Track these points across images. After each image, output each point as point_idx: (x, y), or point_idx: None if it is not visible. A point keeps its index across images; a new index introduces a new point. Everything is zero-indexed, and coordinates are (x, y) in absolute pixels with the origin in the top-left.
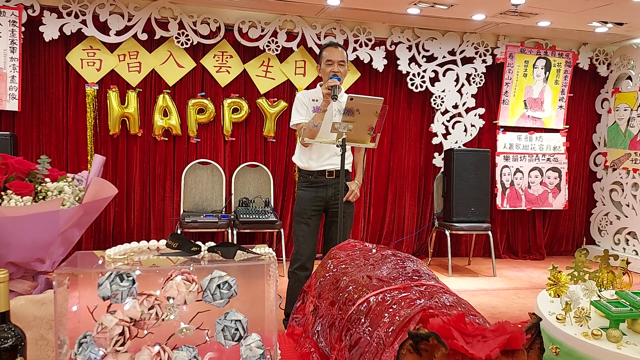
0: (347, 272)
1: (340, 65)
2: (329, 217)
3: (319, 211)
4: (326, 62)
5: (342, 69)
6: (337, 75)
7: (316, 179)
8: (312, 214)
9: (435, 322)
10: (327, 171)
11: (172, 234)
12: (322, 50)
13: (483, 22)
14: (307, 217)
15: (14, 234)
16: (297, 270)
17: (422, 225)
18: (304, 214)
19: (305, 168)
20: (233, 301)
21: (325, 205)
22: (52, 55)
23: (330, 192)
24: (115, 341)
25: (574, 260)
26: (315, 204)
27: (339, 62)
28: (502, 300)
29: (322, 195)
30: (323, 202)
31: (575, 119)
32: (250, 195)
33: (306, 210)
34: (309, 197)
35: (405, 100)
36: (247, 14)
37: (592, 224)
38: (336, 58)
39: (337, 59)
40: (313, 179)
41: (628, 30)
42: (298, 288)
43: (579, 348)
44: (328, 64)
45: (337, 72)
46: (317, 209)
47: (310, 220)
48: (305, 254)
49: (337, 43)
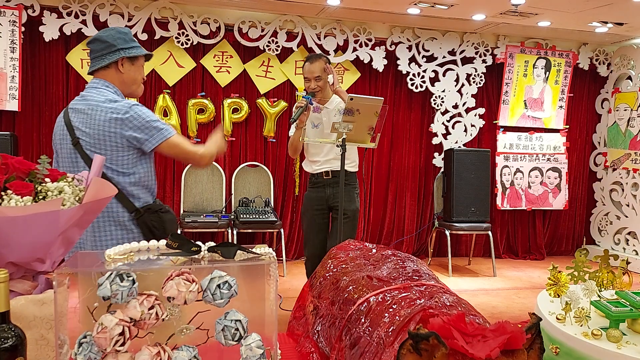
0: (347, 272)
1: (316, 80)
2: (333, 216)
3: (321, 210)
4: (304, 78)
5: (319, 83)
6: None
7: (317, 180)
8: (314, 213)
9: (435, 322)
10: (324, 172)
11: (172, 234)
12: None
13: (483, 22)
14: (309, 216)
15: (14, 234)
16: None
17: (422, 225)
18: (306, 212)
19: (309, 171)
20: (233, 301)
21: (327, 205)
22: (52, 55)
23: (329, 192)
24: (115, 341)
25: (574, 260)
26: (317, 203)
27: (315, 77)
28: (502, 300)
29: (322, 195)
30: (324, 202)
31: (575, 119)
32: (250, 195)
33: (308, 209)
34: (311, 197)
35: (405, 100)
36: (247, 14)
37: (592, 224)
38: (311, 74)
39: (312, 75)
40: (315, 180)
41: (628, 30)
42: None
43: (579, 348)
44: (306, 81)
45: (315, 89)
46: (318, 208)
47: (312, 219)
48: (309, 250)
49: (315, 55)
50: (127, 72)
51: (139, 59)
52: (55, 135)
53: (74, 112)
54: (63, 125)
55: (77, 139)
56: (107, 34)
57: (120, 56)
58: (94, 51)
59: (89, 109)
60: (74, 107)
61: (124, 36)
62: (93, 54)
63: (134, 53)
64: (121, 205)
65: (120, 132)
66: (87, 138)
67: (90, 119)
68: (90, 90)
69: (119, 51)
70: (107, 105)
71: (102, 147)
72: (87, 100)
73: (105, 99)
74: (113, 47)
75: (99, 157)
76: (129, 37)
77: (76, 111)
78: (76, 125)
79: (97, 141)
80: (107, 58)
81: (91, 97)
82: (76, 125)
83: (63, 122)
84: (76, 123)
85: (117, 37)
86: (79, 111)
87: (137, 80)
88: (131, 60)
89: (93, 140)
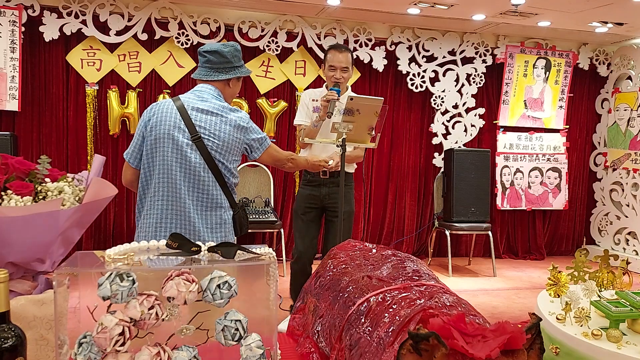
0: (347, 272)
1: (343, 71)
2: (326, 218)
3: (314, 208)
4: (329, 67)
5: (345, 75)
6: (338, 84)
7: (313, 177)
8: (305, 210)
9: (435, 322)
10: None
11: (172, 234)
12: (327, 53)
13: (483, 22)
14: (300, 213)
15: (14, 234)
16: (294, 264)
17: (422, 225)
18: (298, 210)
19: None
20: (233, 301)
21: (321, 204)
22: (52, 55)
23: (324, 191)
24: (115, 341)
25: (574, 260)
26: (309, 201)
27: (342, 68)
28: (502, 300)
29: (316, 193)
30: (318, 200)
31: (575, 119)
32: (250, 195)
33: (300, 206)
34: (305, 194)
35: (405, 100)
36: (247, 14)
37: (592, 224)
38: (339, 64)
39: (340, 65)
40: (310, 177)
41: (628, 30)
42: (296, 279)
43: (579, 348)
44: (331, 69)
45: (340, 79)
46: (311, 206)
47: (303, 217)
48: (300, 249)
49: (343, 46)
50: (233, 87)
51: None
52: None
53: (194, 110)
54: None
55: (198, 135)
56: (228, 50)
57: (235, 75)
58: (212, 62)
59: (217, 111)
60: (194, 105)
61: (239, 54)
62: (211, 64)
63: (244, 73)
64: (229, 202)
65: (243, 139)
66: (213, 139)
67: (219, 121)
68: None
69: (234, 69)
70: (234, 114)
71: (225, 150)
72: (210, 102)
73: (230, 109)
74: (231, 64)
75: (99, 157)
76: (241, 54)
77: (198, 110)
78: (198, 123)
79: (223, 143)
80: (225, 73)
81: (214, 101)
82: (198, 124)
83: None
84: (199, 121)
85: (235, 54)
86: (203, 111)
87: (234, 95)
88: (239, 79)
89: (218, 142)
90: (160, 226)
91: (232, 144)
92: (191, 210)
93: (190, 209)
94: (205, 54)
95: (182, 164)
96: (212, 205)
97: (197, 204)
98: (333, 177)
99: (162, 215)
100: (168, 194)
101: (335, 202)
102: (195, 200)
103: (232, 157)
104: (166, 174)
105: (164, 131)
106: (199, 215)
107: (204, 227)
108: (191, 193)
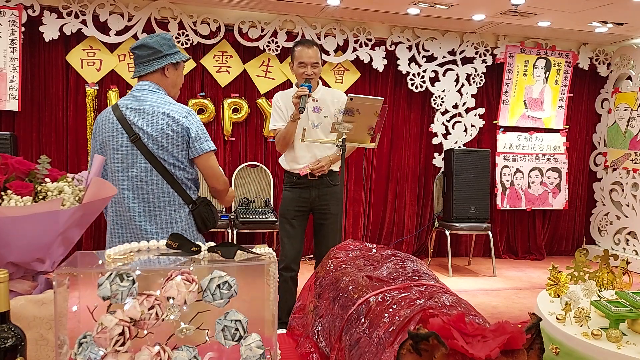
0: (347, 272)
1: (313, 67)
2: (316, 219)
3: (303, 212)
4: (299, 64)
5: (315, 70)
6: (309, 80)
7: (299, 180)
8: (295, 214)
9: (435, 322)
10: (310, 173)
11: (172, 234)
12: (294, 49)
13: (483, 22)
14: (290, 218)
15: (14, 234)
16: (282, 271)
17: (422, 225)
18: (287, 214)
19: (289, 169)
20: (233, 301)
21: (311, 207)
22: (52, 55)
23: (314, 194)
24: (115, 341)
25: (574, 260)
26: (299, 205)
27: (312, 63)
28: (502, 300)
29: (305, 196)
30: (307, 203)
31: (575, 119)
32: (250, 195)
33: (289, 210)
34: (292, 198)
35: (405, 100)
36: (247, 14)
37: (592, 224)
38: (309, 60)
39: (311, 60)
40: (296, 179)
41: (628, 30)
42: (284, 289)
43: (579, 348)
44: (301, 66)
45: (311, 75)
46: (300, 210)
47: (294, 221)
48: (290, 255)
49: (311, 41)
50: (171, 76)
51: (181, 63)
52: (102, 131)
53: (130, 111)
54: (116, 122)
55: (136, 136)
56: (154, 40)
57: (167, 62)
58: (140, 56)
59: (150, 109)
60: (130, 106)
61: (168, 42)
62: (140, 59)
63: (178, 59)
64: (181, 198)
65: (181, 131)
66: (149, 135)
67: (152, 118)
68: (144, 92)
69: (166, 57)
70: (168, 107)
71: (163, 144)
72: (144, 101)
73: (165, 101)
74: (160, 53)
75: (98, 157)
76: (172, 42)
77: (133, 110)
78: (135, 123)
79: (159, 139)
80: (155, 64)
81: (148, 98)
82: (135, 123)
83: (115, 120)
84: (135, 121)
85: (162, 43)
86: (137, 111)
87: (178, 84)
88: (175, 66)
89: (155, 138)
90: (113, 233)
91: (169, 137)
92: (136, 213)
93: (135, 213)
94: (134, 51)
95: (124, 167)
96: (159, 204)
97: (143, 205)
98: (322, 179)
99: (113, 223)
100: (115, 201)
101: (326, 203)
102: (141, 202)
103: (174, 150)
104: (113, 182)
105: (104, 138)
106: (145, 217)
107: (152, 227)
108: (134, 196)
